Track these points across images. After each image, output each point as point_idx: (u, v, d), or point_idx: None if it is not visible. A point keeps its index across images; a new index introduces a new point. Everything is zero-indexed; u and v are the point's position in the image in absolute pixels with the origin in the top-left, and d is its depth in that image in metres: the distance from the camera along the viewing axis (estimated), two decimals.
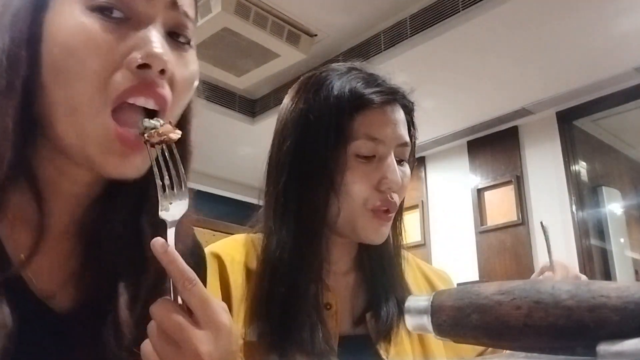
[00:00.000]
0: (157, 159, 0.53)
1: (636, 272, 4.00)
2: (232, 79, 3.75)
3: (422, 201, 4.34)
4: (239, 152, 4.64)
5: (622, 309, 0.36)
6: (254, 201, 0.89)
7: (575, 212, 3.60)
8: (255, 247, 0.82)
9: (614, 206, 3.97)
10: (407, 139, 0.82)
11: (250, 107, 4.19)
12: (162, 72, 0.52)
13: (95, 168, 0.53)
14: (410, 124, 0.85)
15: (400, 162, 0.81)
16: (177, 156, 0.54)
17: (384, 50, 3.29)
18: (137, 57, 0.51)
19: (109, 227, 0.59)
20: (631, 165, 4.54)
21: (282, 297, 0.74)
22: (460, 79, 3.43)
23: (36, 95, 0.52)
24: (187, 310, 0.49)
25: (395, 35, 3.25)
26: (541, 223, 0.90)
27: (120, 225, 0.59)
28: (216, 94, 4.00)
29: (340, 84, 0.79)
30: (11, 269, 0.52)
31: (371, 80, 0.81)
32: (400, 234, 0.87)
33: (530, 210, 3.81)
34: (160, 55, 0.51)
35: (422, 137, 0.88)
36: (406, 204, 0.87)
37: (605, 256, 3.75)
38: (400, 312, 0.80)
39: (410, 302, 0.47)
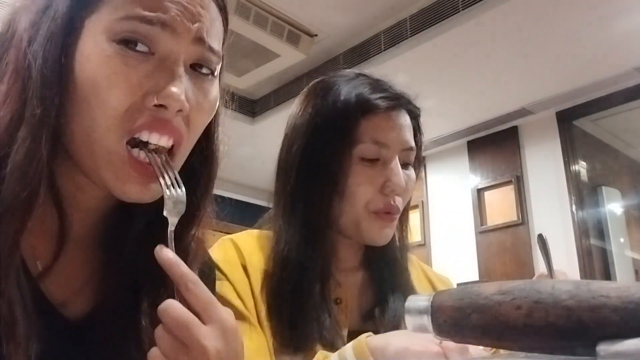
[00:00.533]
0: (159, 163, 0.54)
1: (636, 272, 4.00)
2: (232, 79, 3.75)
3: (422, 201, 4.34)
4: (238, 152, 4.63)
5: (622, 309, 0.36)
6: (254, 201, 0.90)
7: (575, 212, 3.60)
8: (269, 243, 0.84)
9: (614, 206, 3.97)
10: (412, 143, 0.84)
11: (250, 107, 4.19)
12: (179, 111, 0.53)
13: (113, 193, 0.55)
14: (417, 129, 0.87)
15: (405, 166, 0.83)
16: (170, 162, 0.55)
17: (384, 50, 3.29)
18: (154, 97, 0.52)
19: (128, 237, 0.61)
20: (631, 165, 4.54)
21: (290, 295, 0.76)
22: (460, 79, 3.43)
23: (62, 120, 0.52)
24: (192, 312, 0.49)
25: (395, 35, 3.25)
26: (540, 236, 0.89)
27: (139, 235, 0.60)
28: None
29: (347, 89, 0.81)
30: (32, 279, 0.53)
31: (377, 86, 0.83)
32: (407, 235, 0.89)
33: (530, 210, 3.81)
34: (177, 96, 0.52)
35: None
36: None
37: (605, 256, 3.75)
38: None
39: (410, 302, 0.47)
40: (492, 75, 3.39)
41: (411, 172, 0.84)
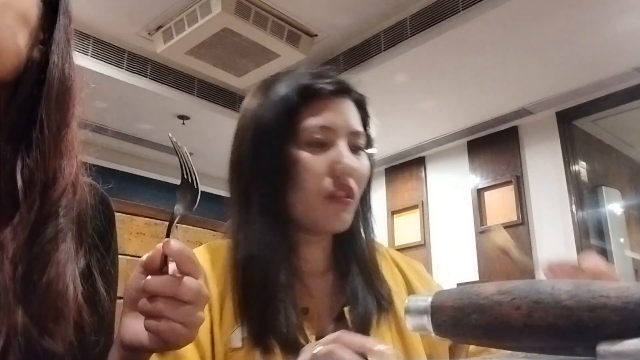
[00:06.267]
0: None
1: (636, 272, 4.00)
2: (232, 79, 3.75)
3: (422, 201, 4.34)
4: None
5: (622, 309, 0.36)
6: None
7: (575, 212, 3.60)
8: (224, 253, 0.82)
9: (613, 206, 3.96)
10: (359, 127, 0.84)
11: None
12: None
13: None
14: (365, 115, 0.87)
15: (355, 150, 0.83)
16: None
17: (384, 50, 3.29)
18: None
19: None
20: (631, 165, 4.54)
21: (258, 295, 0.75)
22: (460, 79, 3.43)
23: None
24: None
25: (395, 35, 3.25)
26: None
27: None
28: (216, 94, 4.00)
29: (289, 82, 0.83)
30: None
31: (319, 73, 0.85)
32: (372, 229, 0.88)
33: (530, 210, 3.81)
34: None
35: (422, 137, 0.89)
36: (406, 204, 0.88)
37: (605, 256, 3.74)
38: (380, 306, 0.81)
39: (410, 302, 0.47)
40: (492, 75, 3.39)
41: (362, 156, 0.84)
